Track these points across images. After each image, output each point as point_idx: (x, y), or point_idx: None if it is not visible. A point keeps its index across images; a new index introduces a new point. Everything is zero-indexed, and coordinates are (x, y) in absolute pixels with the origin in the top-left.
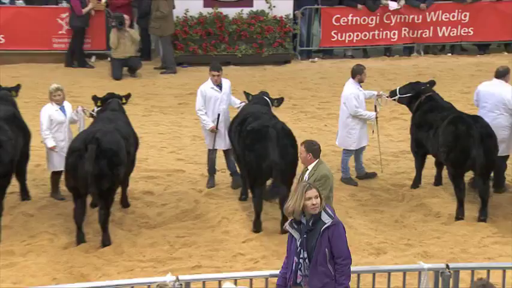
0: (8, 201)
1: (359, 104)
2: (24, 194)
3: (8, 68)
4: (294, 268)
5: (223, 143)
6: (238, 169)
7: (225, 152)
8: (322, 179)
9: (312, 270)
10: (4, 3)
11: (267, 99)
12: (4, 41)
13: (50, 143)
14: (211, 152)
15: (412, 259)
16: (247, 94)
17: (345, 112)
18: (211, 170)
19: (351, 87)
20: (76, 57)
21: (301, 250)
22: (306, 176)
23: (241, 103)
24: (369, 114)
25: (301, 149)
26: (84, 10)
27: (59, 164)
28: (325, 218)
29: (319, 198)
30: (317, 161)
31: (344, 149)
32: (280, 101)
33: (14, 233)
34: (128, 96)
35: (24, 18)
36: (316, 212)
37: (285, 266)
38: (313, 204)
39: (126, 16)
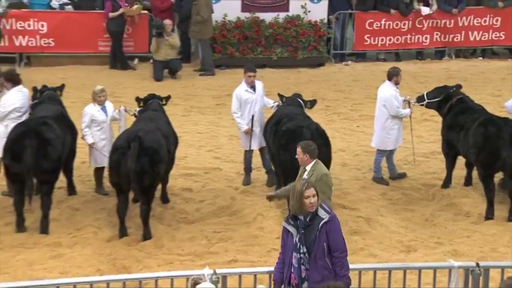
0: (56, 195)
1: (399, 105)
2: (71, 189)
3: (57, 69)
4: (296, 264)
5: (257, 142)
6: (273, 167)
7: (260, 150)
8: (324, 177)
9: (312, 264)
10: (54, 8)
11: (300, 101)
12: (54, 44)
13: (90, 140)
14: (247, 152)
15: (442, 257)
16: (281, 96)
17: (384, 114)
18: (247, 169)
19: (389, 89)
20: (118, 59)
21: (301, 245)
22: (305, 176)
23: (274, 103)
24: (406, 111)
25: (298, 151)
26: (111, 14)
27: (100, 161)
28: (322, 213)
29: (316, 197)
30: (314, 161)
31: (378, 150)
32: (313, 103)
33: (61, 225)
34: (168, 97)
35: (72, 23)
36: (313, 210)
37: (281, 261)
38: (311, 203)
39: (168, 22)
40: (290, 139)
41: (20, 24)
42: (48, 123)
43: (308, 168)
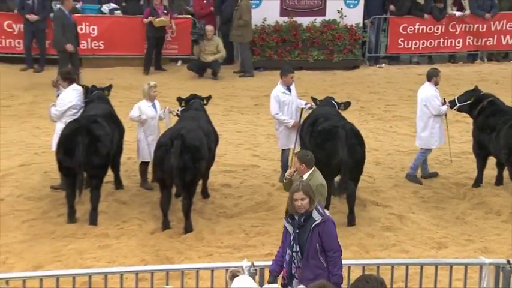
0: (104, 189)
1: (440, 104)
2: (118, 183)
3: (106, 70)
4: (288, 260)
5: (293, 141)
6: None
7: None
8: (319, 187)
9: (304, 263)
10: (104, 13)
11: (334, 102)
12: (103, 47)
13: (136, 113)
14: (285, 151)
15: (472, 254)
16: (314, 99)
17: (426, 113)
18: (284, 167)
19: (429, 89)
20: (155, 62)
21: (294, 244)
22: None
23: (306, 104)
24: (444, 108)
25: (295, 160)
26: (144, 20)
27: (147, 156)
28: (315, 215)
29: (306, 200)
30: (312, 170)
31: (422, 148)
32: (346, 104)
33: (109, 217)
34: (208, 97)
35: (120, 27)
36: (302, 212)
37: (280, 254)
38: (298, 206)
39: (209, 27)
40: (326, 138)
41: None
42: (98, 121)
43: (305, 177)
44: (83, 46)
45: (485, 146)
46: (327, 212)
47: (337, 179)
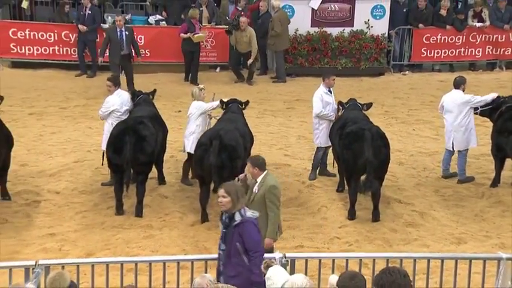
0: (149, 184)
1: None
2: (161, 179)
3: (151, 76)
4: (217, 257)
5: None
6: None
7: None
8: (271, 189)
9: (227, 261)
10: (151, 24)
11: (358, 104)
12: (149, 55)
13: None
14: (320, 150)
15: (490, 249)
16: (341, 103)
17: (464, 115)
18: (316, 165)
19: (459, 94)
20: (190, 76)
21: (221, 243)
22: (256, 187)
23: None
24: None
25: (248, 165)
26: (182, 35)
27: (190, 148)
28: (237, 217)
29: (227, 198)
30: (264, 173)
31: (462, 151)
32: (369, 105)
33: (153, 210)
34: (246, 102)
35: (165, 36)
36: (223, 210)
37: None
38: (219, 202)
39: (243, 19)
40: (353, 140)
41: None
42: (144, 122)
43: (258, 180)
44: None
45: (503, 148)
46: (250, 214)
47: (363, 177)
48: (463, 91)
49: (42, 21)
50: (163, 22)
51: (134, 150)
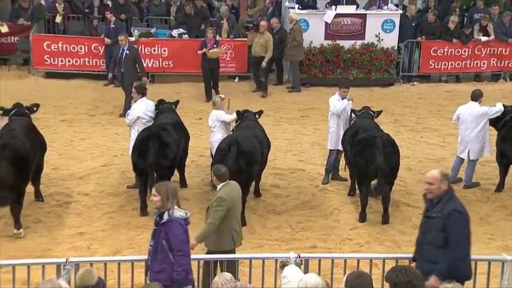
0: None
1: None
2: (183, 183)
3: (174, 85)
4: (148, 253)
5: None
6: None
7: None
8: (217, 199)
9: (153, 256)
10: (174, 37)
11: (371, 112)
12: (172, 65)
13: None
14: (331, 153)
15: (494, 251)
16: (353, 111)
17: (481, 127)
18: (329, 170)
19: (477, 107)
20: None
21: (151, 239)
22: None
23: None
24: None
25: (212, 173)
26: (199, 52)
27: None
28: (165, 216)
29: (158, 197)
30: (223, 183)
31: (473, 160)
32: (379, 113)
33: None
34: (260, 112)
35: (187, 48)
36: (156, 207)
37: None
38: (151, 199)
39: (262, 23)
40: (365, 146)
41: (148, 49)
42: (167, 129)
43: (218, 188)
44: (155, 65)
45: (507, 155)
46: (179, 214)
47: (373, 182)
48: (479, 103)
49: (73, 34)
50: (186, 35)
51: (157, 155)
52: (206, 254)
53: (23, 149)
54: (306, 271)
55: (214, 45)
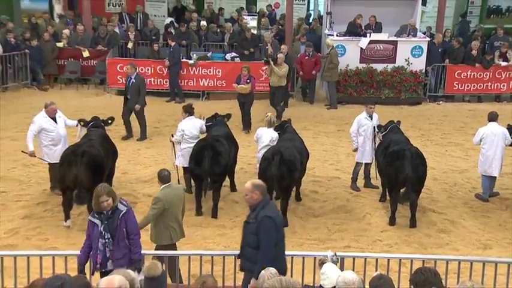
0: (223, 191)
1: None
2: (233, 187)
3: (226, 102)
4: (101, 247)
5: (368, 157)
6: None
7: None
8: (154, 199)
9: (115, 246)
10: (227, 60)
11: (397, 125)
12: (225, 84)
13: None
14: (358, 165)
15: None
16: (379, 126)
17: (502, 144)
18: (355, 178)
19: (498, 126)
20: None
21: (105, 233)
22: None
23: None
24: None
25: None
26: (234, 85)
27: None
28: (121, 207)
29: (110, 199)
30: (165, 185)
31: (496, 176)
32: (399, 123)
33: (225, 213)
34: (288, 120)
35: (238, 70)
36: (107, 209)
37: (86, 247)
38: (105, 206)
39: (280, 55)
40: (395, 158)
41: (204, 70)
42: (220, 140)
43: (160, 188)
44: (211, 84)
45: None
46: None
47: (402, 190)
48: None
49: (142, 58)
50: (237, 58)
51: (211, 163)
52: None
53: (99, 156)
54: (341, 268)
55: (248, 81)
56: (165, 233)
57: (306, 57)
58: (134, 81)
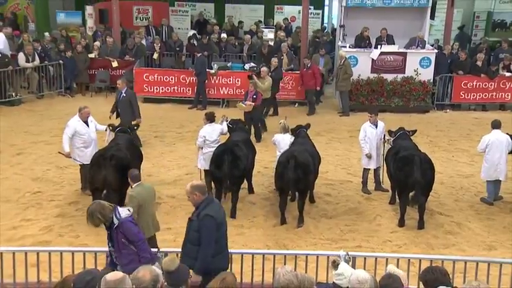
0: (241, 193)
1: None
2: (250, 190)
3: None
4: (109, 253)
5: (374, 163)
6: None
7: (375, 170)
8: (129, 197)
9: (118, 253)
10: (246, 69)
11: (406, 131)
12: (244, 93)
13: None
14: (365, 170)
15: None
16: (390, 132)
17: (505, 150)
18: (364, 182)
19: (502, 134)
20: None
21: (109, 242)
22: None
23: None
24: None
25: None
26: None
27: None
28: (115, 220)
29: (102, 220)
30: (136, 184)
31: (501, 181)
32: (414, 132)
33: (243, 213)
34: (308, 125)
35: None
36: (105, 224)
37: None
38: (97, 222)
39: (264, 68)
40: (405, 163)
41: (224, 79)
42: (239, 145)
43: (133, 186)
44: (230, 92)
45: None
46: (125, 214)
47: (411, 193)
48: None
49: (166, 68)
50: (256, 68)
51: (231, 167)
52: None
53: (126, 159)
54: (352, 267)
55: (254, 96)
56: (142, 226)
57: (304, 69)
58: (125, 95)
